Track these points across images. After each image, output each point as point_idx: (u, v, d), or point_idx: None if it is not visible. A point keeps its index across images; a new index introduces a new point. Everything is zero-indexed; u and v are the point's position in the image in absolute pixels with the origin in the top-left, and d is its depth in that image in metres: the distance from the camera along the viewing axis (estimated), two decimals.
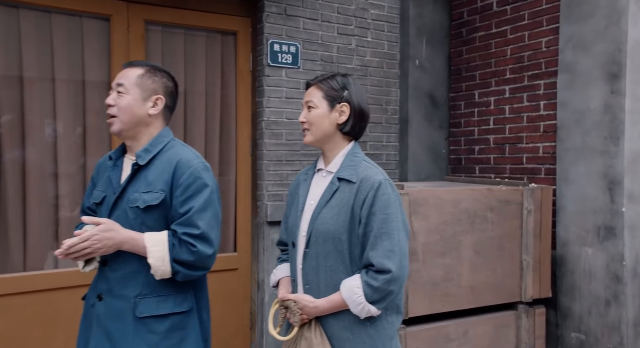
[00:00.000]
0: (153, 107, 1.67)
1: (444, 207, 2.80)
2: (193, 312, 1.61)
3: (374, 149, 3.80)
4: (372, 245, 1.63)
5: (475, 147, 3.83)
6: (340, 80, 1.77)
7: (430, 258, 2.76)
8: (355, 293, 1.61)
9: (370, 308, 1.62)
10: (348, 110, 1.74)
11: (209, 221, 1.57)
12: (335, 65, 3.60)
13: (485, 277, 2.93)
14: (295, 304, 1.67)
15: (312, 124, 1.75)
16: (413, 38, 3.87)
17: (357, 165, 1.72)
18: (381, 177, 1.68)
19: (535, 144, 3.42)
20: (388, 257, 1.61)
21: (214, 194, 1.62)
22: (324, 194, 1.73)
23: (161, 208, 1.57)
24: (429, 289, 2.75)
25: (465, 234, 2.87)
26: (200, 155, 1.70)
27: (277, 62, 3.35)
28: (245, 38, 3.38)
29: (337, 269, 1.67)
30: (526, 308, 3.06)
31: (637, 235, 2.87)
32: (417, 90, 3.90)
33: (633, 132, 2.84)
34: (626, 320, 2.84)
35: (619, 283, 2.86)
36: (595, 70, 2.97)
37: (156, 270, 1.52)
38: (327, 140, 1.76)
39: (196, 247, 1.53)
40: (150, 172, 1.60)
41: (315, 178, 1.82)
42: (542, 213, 3.12)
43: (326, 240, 1.67)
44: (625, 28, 2.81)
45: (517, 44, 3.51)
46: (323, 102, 1.74)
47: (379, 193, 1.64)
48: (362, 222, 1.64)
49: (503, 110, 3.63)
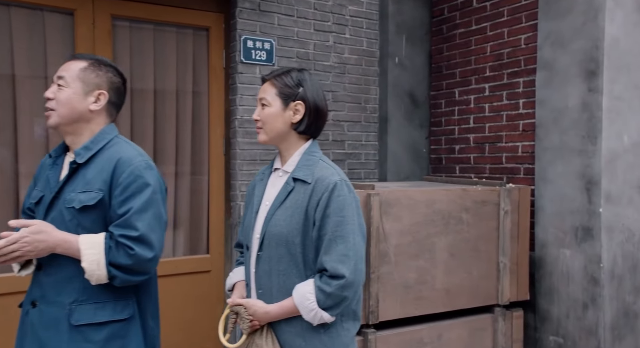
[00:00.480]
0: (95, 103, 1.58)
1: (417, 208, 2.73)
2: (135, 320, 1.53)
3: (352, 148, 3.72)
4: (326, 249, 1.55)
5: (456, 147, 3.76)
6: (295, 77, 1.68)
7: (403, 261, 2.68)
8: (308, 299, 1.54)
9: (323, 314, 1.54)
10: (303, 109, 1.66)
11: (150, 222, 1.48)
12: (311, 63, 3.53)
13: (460, 279, 2.86)
14: (245, 310, 1.60)
15: (265, 122, 1.67)
16: (392, 35, 3.80)
17: (313, 165, 1.64)
18: (337, 177, 1.60)
19: (514, 143, 3.35)
20: (342, 262, 1.53)
21: (157, 194, 1.53)
22: (278, 195, 1.65)
23: (99, 209, 1.49)
24: (401, 292, 2.68)
25: (440, 236, 2.79)
26: (145, 153, 1.62)
27: (251, 59, 3.27)
28: (218, 34, 3.30)
29: (290, 273, 1.60)
30: (503, 311, 2.99)
31: (614, 237, 2.81)
32: (397, 89, 3.83)
33: (610, 131, 2.78)
34: (603, 323, 2.78)
35: (596, 285, 2.80)
36: (573, 68, 2.90)
37: (91, 275, 1.44)
38: (281, 139, 1.69)
39: (134, 250, 1.45)
40: (90, 171, 1.52)
41: (271, 178, 1.75)
42: (520, 214, 3.05)
43: (279, 244, 1.60)
44: (602, 24, 2.75)
45: (497, 41, 3.45)
46: (276, 100, 1.66)
47: (334, 194, 1.57)
48: (316, 224, 1.57)
49: (483, 108, 3.56)
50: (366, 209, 2.56)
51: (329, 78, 3.61)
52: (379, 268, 2.59)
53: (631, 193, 2.85)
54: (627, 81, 2.82)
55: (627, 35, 2.81)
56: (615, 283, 2.82)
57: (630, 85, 2.83)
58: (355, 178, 3.74)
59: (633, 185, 2.86)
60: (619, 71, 2.79)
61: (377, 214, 2.58)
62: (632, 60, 2.83)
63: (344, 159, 3.68)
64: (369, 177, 3.82)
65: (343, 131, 3.68)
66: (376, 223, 2.57)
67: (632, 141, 2.85)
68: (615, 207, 2.81)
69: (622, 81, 2.81)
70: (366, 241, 2.43)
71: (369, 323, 2.57)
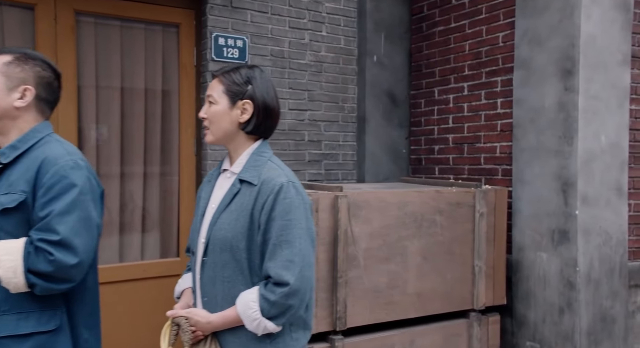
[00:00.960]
0: (20, 99, 1.49)
1: (388, 210, 2.65)
2: (63, 331, 1.43)
3: (329, 148, 3.64)
4: (270, 255, 1.47)
5: (435, 147, 3.68)
6: (244, 74, 1.60)
7: (373, 265, 2.60)
8: (251, 308, 1.46)
9: (267, 324, 1.46)
10: (251, 108, 1.57)
11: (73, 226, 1.38)
12: (287, 61, 3.45)
13: (433, 283, 2.79)
14: (186, 321, 1.51)
15: (211, 121, 1.59)
16: (371, 33, 3.72)
17: (261, 166, 1.56)
18: (284, 179, 1.51)
19: (492, 144, 3.28)
20: (287, 268, 1.45)
21: (84, 195, 1.43)
22: (224, 197, 1.57)
23: (22, 211, 1.40)
24: (370, 297, 2.60)
25: (412, 238, 2.72)
26: (77, 152, 1.52)
27: (222, 57, 3.19)
28: (189, 31, 3.21)
29: (235, 280, 1.51)
30: (479, 316, 2.92)
31: (591, 240, 2.74)
32: (376, 88, 3.75)
33: (587, 131, 2.71)
34: (579, 328, 2.71)
35: (572, 290, 2.73)
36: (550, 67, 2.83)
37: (8, 283, 1.34)
38: (229, 139, 1.60)
39: (54, 255, 1.35)
40: (15, 172, 1.43)
41: (219, 180, 1.66)
42: (497, 216, 2.98)
43: (223, 249, 1.52)
44: (579, 22, 2.67)
45: (475, 39, 3.37)
46: (223, 98, 1.58)
47: (280, 197, 1.48)
48: (261, 228, 1.49)
49: (462, 108, 3.49)
50: (334, 212, 2.48)
51: (305, 77, 3.53)
52: (347, 272, 2.51)
53: (609, 195, 2.78)
54: (604, 80, 2.75)
55: (604, 33, 2.74)
56: (592, 287, 2.75)
57: (607, 84, 2.75)
58: (333, 179, 3.66)
59: (611, 186, 2.79)
60: (596, 70, 2.72)
61: (345, 217, 2.50)
62: (609, 59, 2.76)
63: (320, 160, 3.60)
64: (347, 178, 3.74)
65: (320, 131, 3.60)
66: (344, 226, 2.49)
67: (610, 141, 2.78)
68: (592, 209, 2.74)
69: (599, 80, 2.73)
70: (336, 245, 2.35)
71: (336, 330, 2.49)
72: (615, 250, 2.81)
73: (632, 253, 3.00)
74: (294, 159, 3.49)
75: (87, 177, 1.46)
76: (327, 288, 2.48)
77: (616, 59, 2.79)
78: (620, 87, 2.80)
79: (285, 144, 3.46)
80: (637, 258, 3.03)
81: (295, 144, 3.50)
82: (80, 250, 1.38)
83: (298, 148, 3.51)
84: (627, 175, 2.86)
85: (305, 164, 3.54)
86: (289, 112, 3.46)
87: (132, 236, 3.13)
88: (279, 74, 3.42)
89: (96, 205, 1.48)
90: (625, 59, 2.83)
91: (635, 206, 3.01)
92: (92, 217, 1.44)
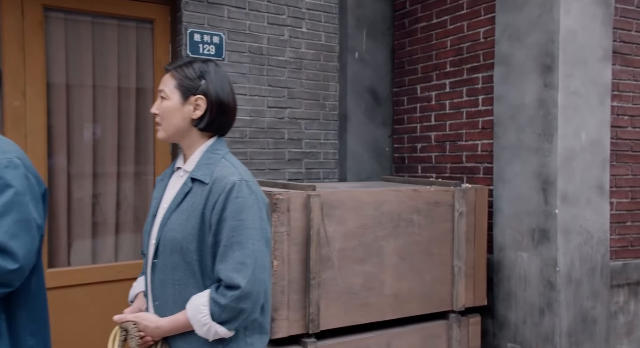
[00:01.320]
0: None
1: (364, 210, 2.58)
2: (2, 338, 1.37)
3: (310, 147, 3.58)
4: (221, 257, 1.41)
5: (418, 145, 3.62)
6: (197, 68, 1.53)
7: (347, 265, 2.54)
8: (200, 313, 1.39)
9: (218, 329, 1.40)
10: (204, 104, 1.50)
11: (9, 229, 1.32)
12: (265, 57, 3.38)
13: (411, 284, 2.72)
14: (135, 326, 1.45)
15: (163, 117, 1.52)
16: (352, 29, 3.65)
17: (213, 164, 1.49)
18: (236, 177, 1.45)
19: (474, 142, 3.21)
20: (238, 271, 1.39)
21: (22, 196, 1.37)
22: (175, 197, 1.51)
23: None
24: (345, 299, 2.53)
25: (388, 239, 2.65)
26: (14, 149, 1.45)
27: (198, 53, 3.12)
28: (164, 27, 3.15)
29: (187, 283, 1.45)
30: (458, 317, 2.85)
31: (571, 239, 2.68)
32: (357, 85, 3.68)
33: (567, 129, 2.65)
34: (559, 329, 2.65)
35: (552, 290, 2.67)
36: (530, 63, 2.77)
37: None
38: (182, 136, 1.54)
39: None
40: None
41: (172, 179, 1.60)
42: (477, 216, 2.92)
43: (173, 250, 1.45)
44: (558, 17, 2.61)
45: (457, 35, 3.31)
46: (175, 93, 1.51)
47: (231, 196, 1.42)
48: (212, 229, 1.42)
49: (444, 105, 3.43)
50: (306, 211, 2.42)
51: (284, 74, 3.46)
52: (320, 273, 2.44)
53: (589, 193, 2.72)
54: (584, 76, 2.69)
55: (584, 28, 2.68)
56: (573, 287, 2.69)
57: (587, 81, 2.69)
58: (314, 178, 3.59)
59: (591, 185, 2.73)
60: (576, 66, 2.66)
61: (317, 216, 2.43)
62: (589, 54, 2.70)
63: (301, 159, 3.53)
64: (329, 177, 3.68)
65: (300, 129, 3.53)
66: (317, 226, 2.43)
67: (590, 139, 2.72)
68: (572, 208, 2.68)
69: (578, 76, 2.67)
70: (308, 246, 2.27)
71: (309, 333, 2.43)
72: (597, 249, 2.75)
73: (615, 253, 2.94)
74: (274, 157, 3.43)
75: (24, 176, 1.39)
76: (300, 290, 2.42)
77: (597, 55, 2.73)
78: (601, 83, 2.75)
79: (265, 142, 3.39)
80: (619, 257, 2.97)
81: (274, 142, 3.43)
82: (19, 254, 1.31)
83: (278, 146, 3.44)
84: (608, 173, 2.80)
85: (285, 162, 3.47)
86: (268, 110, 3.40)
87: (106, 237, 3.07)
88: (257, 71, 3.35)
89: (37, 206, 1.42)
90: (606, 55, 2.77)
91: (618, 205, 2.96)
92: (31, 219, 1.37)
